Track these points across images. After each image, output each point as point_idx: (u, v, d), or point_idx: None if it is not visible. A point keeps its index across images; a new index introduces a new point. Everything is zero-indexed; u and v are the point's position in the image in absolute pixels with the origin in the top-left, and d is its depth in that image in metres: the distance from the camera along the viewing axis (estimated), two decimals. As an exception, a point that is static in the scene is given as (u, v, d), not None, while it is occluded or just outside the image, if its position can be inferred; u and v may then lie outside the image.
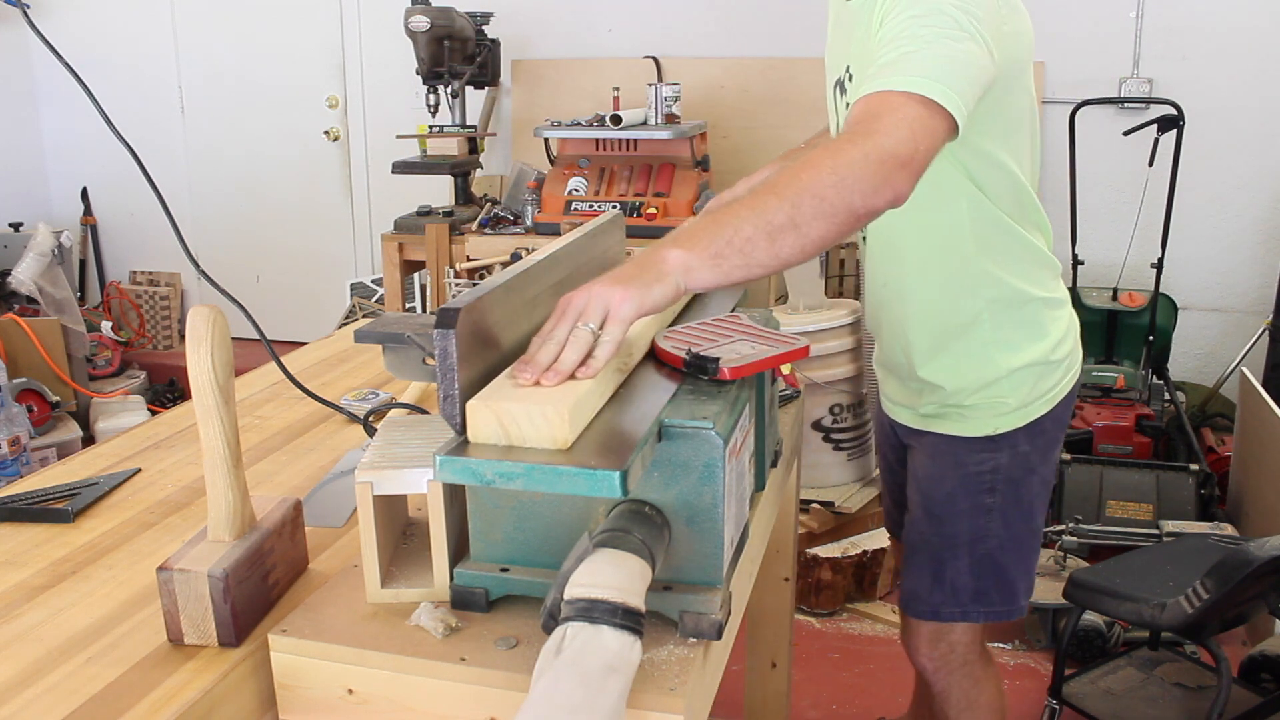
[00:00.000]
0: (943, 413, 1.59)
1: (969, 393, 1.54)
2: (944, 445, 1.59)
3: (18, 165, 5.13)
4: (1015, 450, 1.56)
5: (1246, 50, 3.66)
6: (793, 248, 1.07)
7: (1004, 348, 1.52)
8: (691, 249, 1.05)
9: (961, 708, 1.73)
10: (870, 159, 1.09)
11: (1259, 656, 2.36)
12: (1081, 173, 3.49)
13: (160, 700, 0.92)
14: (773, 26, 4.09)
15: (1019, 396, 1.53)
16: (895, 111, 1.14)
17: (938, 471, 1.61)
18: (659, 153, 3.55)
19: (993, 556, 1.60)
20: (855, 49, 1.44)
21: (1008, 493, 1.57)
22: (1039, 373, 1.53)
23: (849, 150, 1.10)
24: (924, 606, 1.66)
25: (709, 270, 1.05)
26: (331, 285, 4.85)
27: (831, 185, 1.08)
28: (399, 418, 1.26)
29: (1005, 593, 1.63)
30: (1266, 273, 3.75)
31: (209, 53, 4.93)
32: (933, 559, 1.64)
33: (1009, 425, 1.54)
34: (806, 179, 1.08)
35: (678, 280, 1.04)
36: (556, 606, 0.90)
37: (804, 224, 1.07)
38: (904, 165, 1.11)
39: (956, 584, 1.62)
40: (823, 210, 1.07)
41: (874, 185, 1.09)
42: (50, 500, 1.34)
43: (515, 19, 4.34)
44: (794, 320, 3.13)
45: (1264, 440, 2.86)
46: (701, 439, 0.97)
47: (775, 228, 1.05)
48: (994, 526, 1.59)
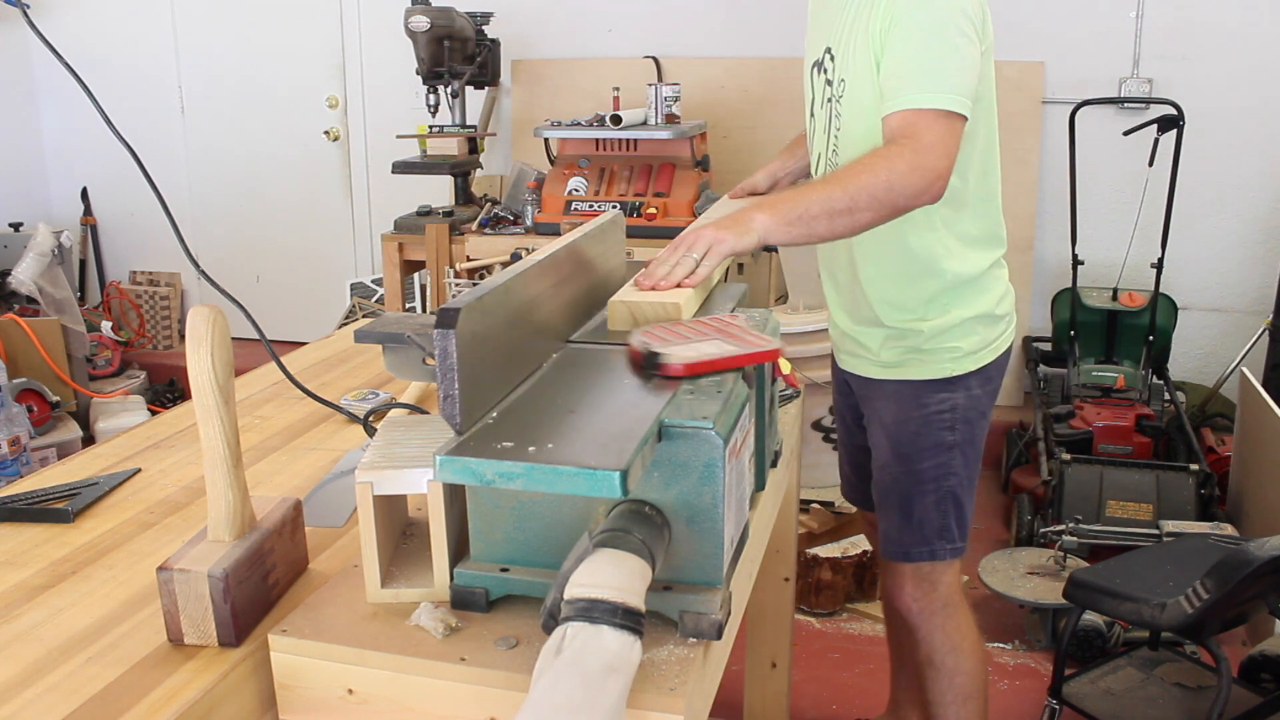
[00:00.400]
0: (903, 360, 1.76)
1: (927, 339, 1.72)
2: (906, 389, 1.76)
3: (18, 165, 5.13)
4: (969, 392, 1.75)
5: (1246, 50, 3.67)
6: (845, 227, 1.47)
7: (958, 301, 1.72)
8: (773, 214, 1.43)
9: (946, 650, 1.85)
10: (916, 171, 1.45)
11: (1259, 656, 2.36)
12: (1081, 173, 3.49)
13: (160, 700, 0.92)
14: (773, 26, 4.09)
15: (970, 343, 1.73)
16: (932, 129, 1.47)
17: (902, 413, 1.77)
18: (659, 153, 3.55)
19: (954, 493, 1.78)
20: (839, 30, 1.65)
21: (964, 431, 1.76)
22: (987, 323, 1.74)
23: (899, 163, 1.45)
24: (895, 547, 1.82)
25: (782, 232, 1.43)
26: (331, 285, 4.85)
27: (884, 188, 1.44)
28: (399, 418, 1.26)
29: (962, 528, 1.81)
30: (1266, 273, 3.75)
31: (209, 53, 4.93)
32: (902, 499, 1.79)
33: (963, 369, 1.74)
34: (865, 180, 1.44)
35: (760, 234, 1.41)
36: (556, 606, 0.90)
37: (858, 212, 1.44)
38: (943, 175, 1.47)
39: (924, 521, 1.78)
40: (874, 205, 1.45)
41: (917, 190, 1.46)
42: (50, 500, 1.34)
43: (515, 19, 4.34)
44: (794, 320, 3.13)
45: (1264, 440, 2.86)
46: (701, 439, 0.97)
47: (836, 212, 1.44)
48: (955, 463, 1.76)
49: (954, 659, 1.85)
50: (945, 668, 1.85)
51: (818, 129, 1.77)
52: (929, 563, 1.81)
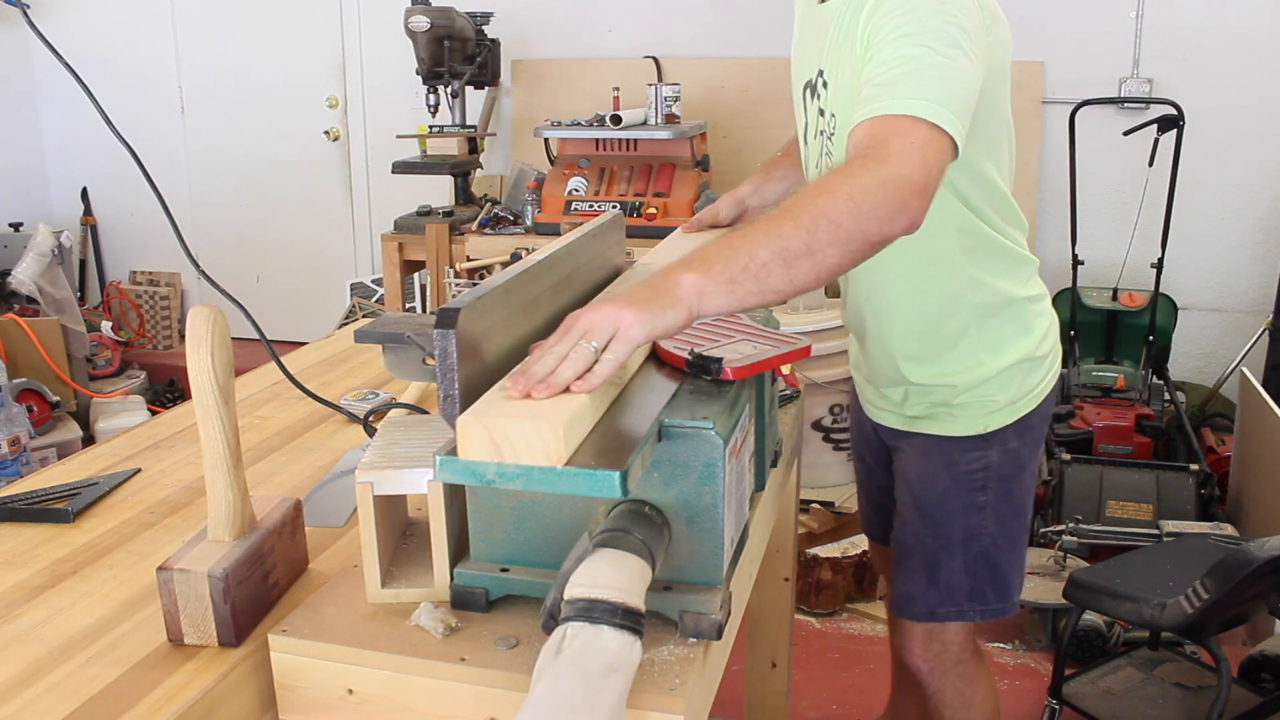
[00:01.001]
0: (931, 413, 1.59)
1: (958, 393, 1.55)
2: (934, 445, 1.59)
3: (18, 165, 5.13)
4: (1005, 447, 1.57)
5: (1246, 50, 3.66)
6: (808, 274, 1.06)
7: (992, 349, 1.54)
8: (706, 273, 1.02)
9: (956, 707, 1.72)
10: (886, 185, 1.10)
11: (1259, 656, 2.36)
12: (1081, 173, 3.49)
13: (160, 700, 0.92)
14: (773, 26, 4.09)
15: (1008, 394, 1.55)
16: (904, 136, 1.15)
17: (929, 471, 1.60)
18: (659, 153, 3.55)
19: (987, 554, 1.61)
20: (830, 52, 1.44)
21: (1000, 490, 1.58)
22: (1026, 369, 1.55)
23: (863, 176, 1.10)
24: (919, 608, 1.66)
25: (723, 296, 1.03)
26: (331, 285, 4.85)
27: (848, 212, 1.07)
28: (399, 418, 1.26)
29: (1000, 590, 1.64)
30: (1266, 273, 3.75)
31: (209, 53, 4.93)
32: (927, 560, 1.63)
33: (999, 423, 1.55)
34: (823, 204, 1.07)
35: (690, 306, 1.01)
36: (556, 606, 0.90)
37: (819, 250, 1.06)
38: (918, 192, 1.12)
39: (951, 584, 1.62)
40: (838, 238, 1.07)
41: (889, 212, 1.09)
42: (50, 500, 1.34)
43: (515, 19, 4.34)
44: (794, 320, 3.13)
45: (1264, 440, 2.86)
46: (701, 439, 0.97)
47: (791, 254, 1.05)
48: (988, 524, 1.59)
49: (964, 714, 1.73)
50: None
51: (810, 161, 1.59)
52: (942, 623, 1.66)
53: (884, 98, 1.19)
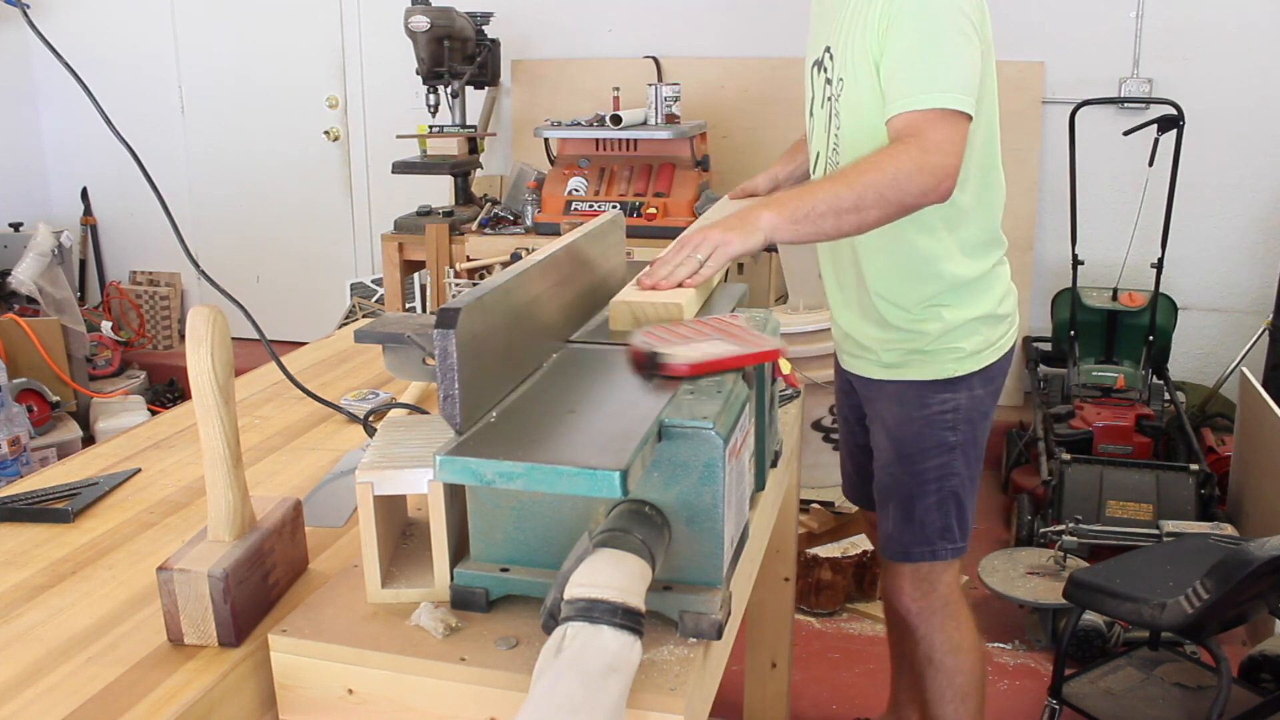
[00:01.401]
0: (905, 361, 1.75)
1: (930, 340, 1.72)
2: (909, 389, 1.76)
3: (18, 165, 5.13)
4: (972, 392, 1.75)
5: (1246, 50, 3.67)
6: (852, 225, 1.45)
7: (959, 305, 1.71)
8: (780, 213, 1.42)
9: (946, 650, 1.84)
10: (923, 170, 1.44)
11: (1259, 656, 2.36)
12: (1081, 173, 3.49)
13: (160, 700, 0.92)
14: (773, 26, 4.09)
15: (973, 343, 1.73)
16: (937, 127, 1.47)
17: (904, 413, 1.77)
18: (659, 153, 3.55)
19: (956, 494, 1.78)
20: (837, 31, 1.65)
21: (967, 432, 1.76)
22: (989, 323, 1.74)
23: (906, 162, 1.44)
24: (896, 547, 1.82)
25: (789, 230, 1.42)
26: (331, 285, 4.85)
27: (890, 186, 1.43)
28: (399, 418, 1.26)
29: (963, 527, 1.81)
30: (1266, 273, 3.75)
31: (209, 53, 4.93)
32: (903, 499, 1.79)
33: (966, 369, 1.73)
34: (872, 178, 1.43)
35: (767, 234, 1.41)
36: (556, 606, 0.90)
37: (864, 210, 1.43)
38: (951, 174, 1.46)
39: (925, 521, 1.78)
40: (880, 203, 1.44)
41: (924, 189, 1.45)
42: (50, 500, 1.34)
43: (515, 19, 4.34)
44: (794, 320, 3.13)
45: (1264, 440, 2.86)
46: (701, 439, 0.97)
47: (843, 209, 1.43)
48: (957, 464, 1.76)
49: (954, 658, 1.85)
50: (945, 667, 1.85)
51: (817, 127, 1.77)
52: (929, 563, 1.81)
53: (912, 92, 1.48)
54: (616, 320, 1.29)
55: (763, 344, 1.16)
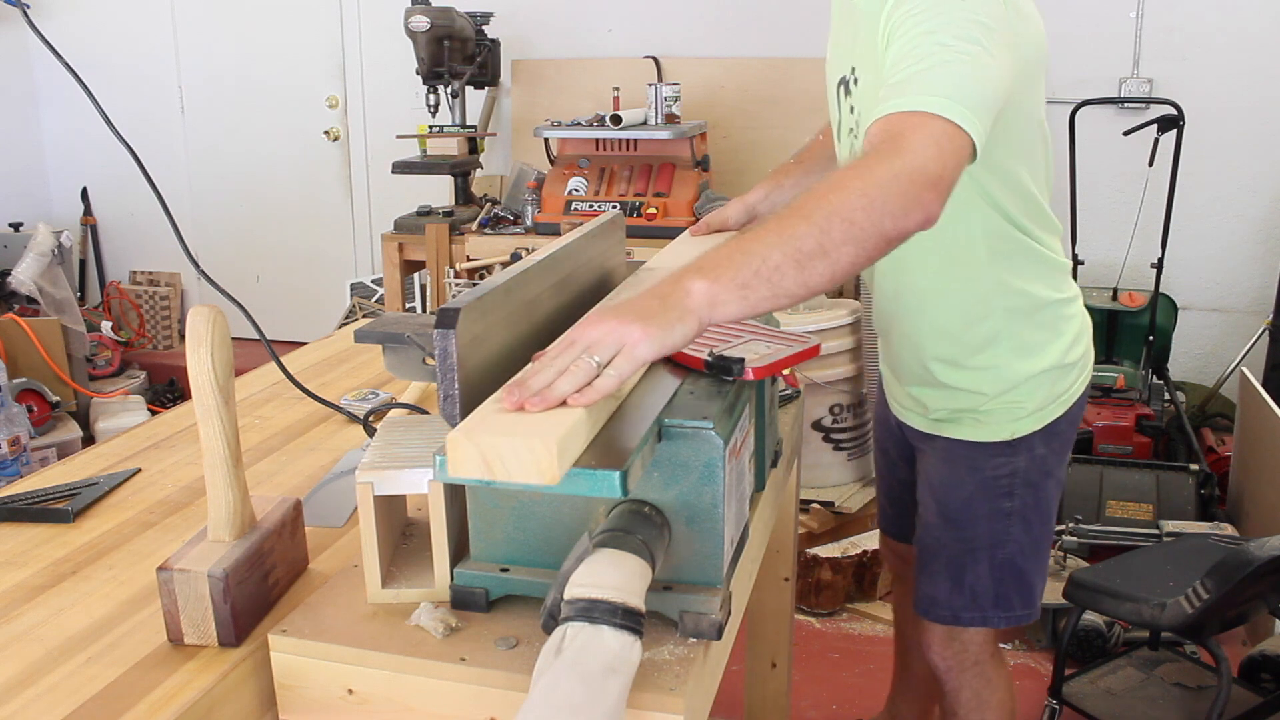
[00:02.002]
0: (956, 417, 1.57)
1: (986, 400, 1.53)
2: (959, 450, 1.57)
3: (18, 165, 5.13)
4: (1033, 454, 1.54)
5: (1246, 50, 3.66)
6: (822, 275, 1.02)
7: (1022, 355, 1.51)
8: (717, 280, 0.99)
9: (972, 707, 1.72)
10: (900, 179, 1.06)
11: (1259, 656, 2.36)
12: (1081, 173, 3.49)
13: (160, 700, 0.92)
14: (773, 26, 4.09)
15: (1036, 400, 1.52)
16: (919, 130, 1.11)
17: (953, 476, 1.58)
18: (659, 153, 3.55)
19: (1013, 561, 1.59)
20: (861, 49, 1.43)
21: (1026, 496, 1.56)
22: (1055, 376, 1.52)
23: (877, 170, 1.06)
24: (944, 611, 1.64)
25: (736, 304, 0.99)
26: (331, 285, 4.85)
27: (861, 208, 1.03)
28: (399, 418, 1.26)
29: (1024, 596, 1.62)
30: (1266, 273, 3.75)
31: (209, 53, 4.93)
32: (951, 564, 1.61)
33: (1026, 429, 1.53)
34: (835, 201, 1.03)
35: (701, 316, 0.98)
36: (556, 606, 0.90)
37: (833, 250, 1.02)
38: (933, 185, 1.07)
39: (977, 589, 1.60)
40: (853, 235, 1.02)
41: (904, 207, 1.05)
42: (50, 500, 1.34)
43: (515, 19, 4.34)
44: (794, 320, 3.13)
45: (1264, 440, 2.86)
46: (701, 439, 0.97)
47: (804, 255, 1.01)
48: (1014, 531, 1.57)
49: (978, 714, 1.72)
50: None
51: (842, 153, 1.59)
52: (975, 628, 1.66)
53: (898, 95, 1.15)
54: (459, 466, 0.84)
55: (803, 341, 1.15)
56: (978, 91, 1.16)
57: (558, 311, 1.25)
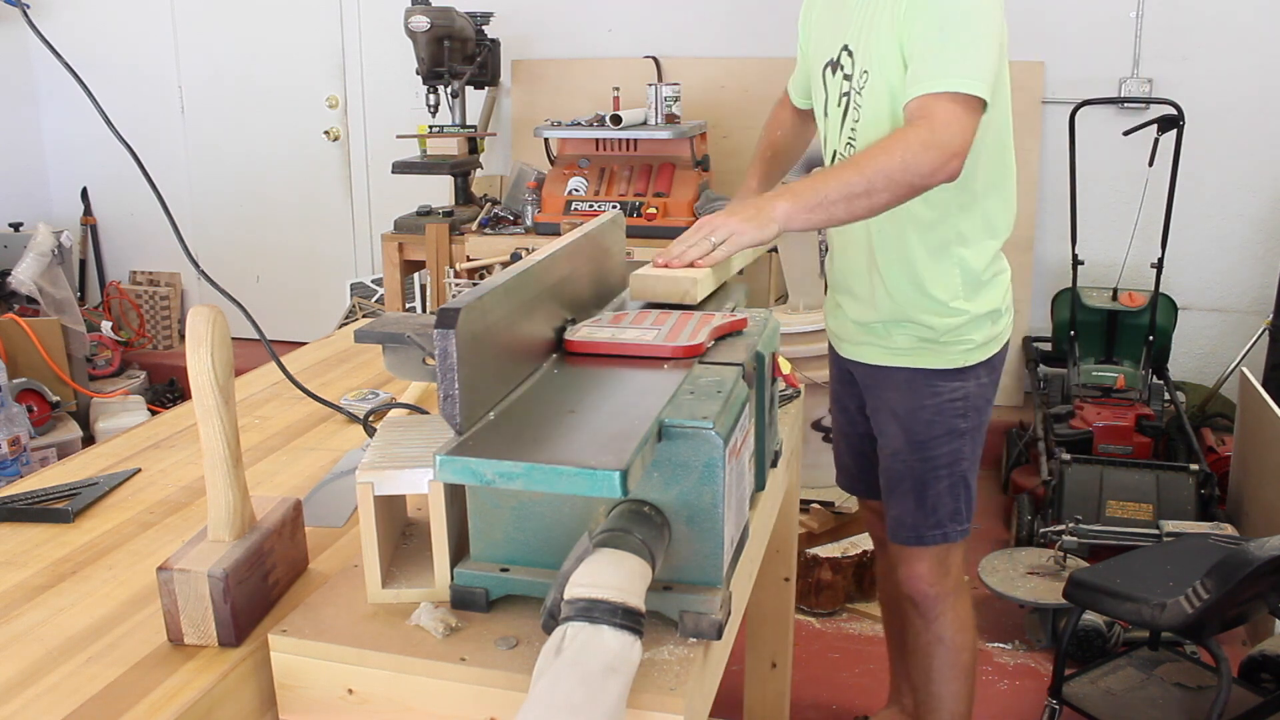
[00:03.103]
0: (916, 348, 1.79)
1: (939, 332, 1.76)
2: (920, 378, 1.80)
3: (18, 165, 5.13)
4: (979, 381, 1.81)
5: (1247, 50, 3.67)
6: (864, 209, 1.50)
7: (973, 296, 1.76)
8: (794, 202, 1.48)
9: (957, 628, 1.90)
10: (930, 149, 1.48)
11: (1259, 656, 2.36)
12: (1081, 173, 3.49)
13: (160, 700, 0.92)
14: (773, 26, 4.09)
15: (981, 335, 1.78)
16: (947, 108, 1.50)
17: (916, 402, 1.80)
18: (659, 153, 3.55)
19: (965, 477, 1.83)
20: (855, 29, 1.69)
21: (974, 418, 1.82)
22: (994, 317, 1.79)
23: (913, 142, 1.49)
24: (909, 532, 1.85)
25: (803, 219, 1.49)
26: (331, 285, 4.85)
27: (899, 168, 1.48)
28: (399, 418, 1.26)
29: (969, 510, 1.86)
30: (1266, 273, 3.75)
31: (209, 53, 4.93)
32: (916, 484, 1.83)
33: (974, 359, 1.79)
34: (881, 162, 1.48)
35: (780, 224, 1.47)
36: (556, 606, 0.90)
37: (875, 194, 1.48)
38: (958, 153, 1.50)
39: (938, 505, 1.83)
40: (890, 185, 1.48)
41: (933, 169, 1.48)
42: (50, 500, 1.34)
43: (515, 19, 4.34)
44: (794, 320, 3.13)
45: (1264, 440, 2.86)
46: (701, 439, 0.97)
47: (854, 194, 1.48)
48: (966, 449, 1.82)
49: (962, 636, 1.91)
50: (954, 645, 1.91)
51: (831, 127, 1.80)
52: (943, 545, 1.86)
53: (931, 77, 1.52)
54: (634, 294, 1.38)
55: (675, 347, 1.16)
56: (987, 65, 1.53)
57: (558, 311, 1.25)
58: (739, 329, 1.28)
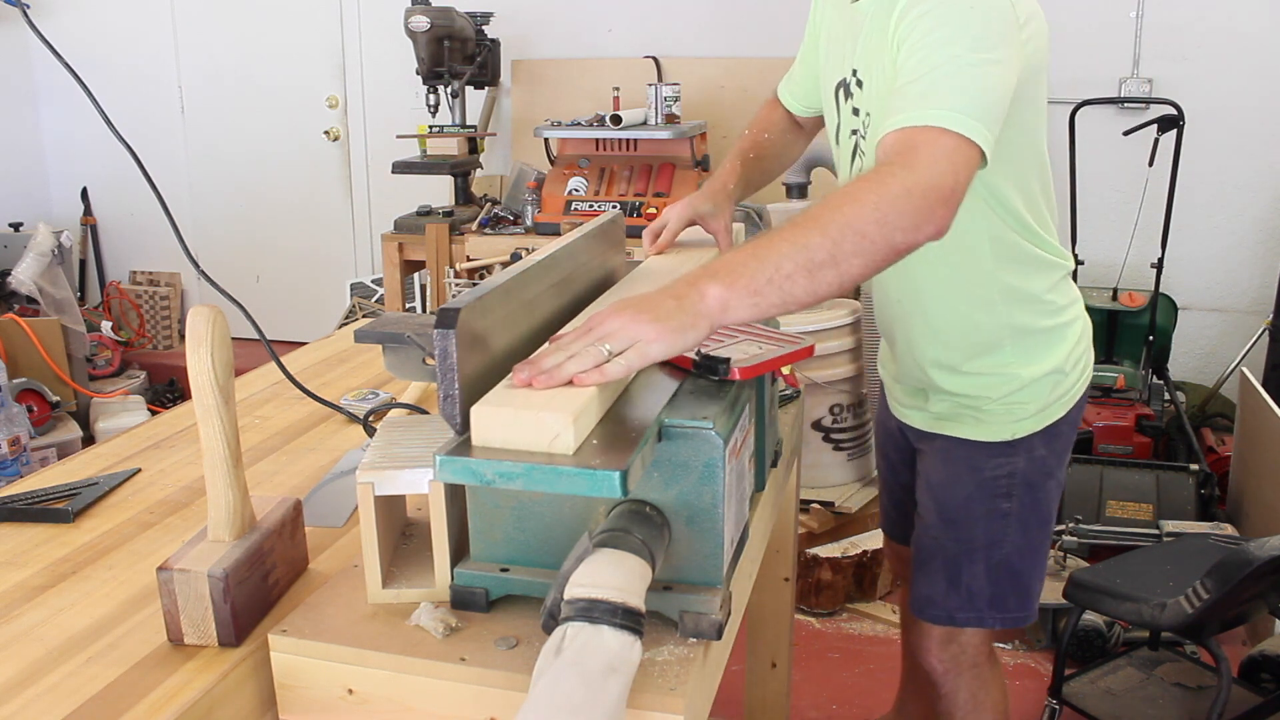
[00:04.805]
0: (957, 415, 1.57)
1: (988, 400, 1.54)
2: (958, 449, 1.57)
3: (18, 165, 5.13)
4: (1032, 455, 1.55)
5: (1246, 50, 3.66)
6: (831, 284, 1.07)
7: (1025, 359, 1.52)
8: (731, 286, 1.03)
9: (968, 710, 1.72)
10: (913, 194, 1.09)
11: (1259, 656, 2.36)
12: (1081, 173, 3.49)
13: (160, 700, 0.92)
14: (773, 26, 4.09)
15: (1038, 402, 1.53)
16: (931, 145, 1.15)
17: (952, 476, 1.59)
18: (659, 153, 3.55)
19: (1010, 562, 1.59)
20: (864, 51, 1.44)
21: (1025, 498, 1.56)
22: (1056, 379, 1.53)
23: (890, 185, 1.10)
24: (939, 612, 1.64)
25: (747, 308, 1.03)
26: (331, 285, 4.85)
27: (874, 221, 1.07)
28: (399, 418, 1.26)
29: (1021, 598, 1.62)
30: (1266, 273, 3.75)
31: (209, 53, 4.93)
32: (948, 564, 1.62)
33: (1027, 430, 1.53)
34: (849, 214, 1.07)
35: (714, 319, 1.02)
36: (556, 606, 0.90)
37: (844, 260, 1.06)
38: (945, 200, 1.12)
39: (973, 589, 1.60)
40: (863, 247, 1.07)
41: (916, 221, 1.09)
42: (50, 500, 1.34)
43: (515, 19, 4.34)
44: (794, 320, 3.13)
45: (1264, 440, 2.86)
46: (701, 439, 0.97)
47: (816, 264, 1.05)
48: (1011, 533, 1.57)
49: (975, 716, 1.73)
50: None
51: (842, 159, 1.58)
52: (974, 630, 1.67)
53: (912, 108, 1.18)
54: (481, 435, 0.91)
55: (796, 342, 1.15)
56: (986, 100, 1.19)
57: (558, 311, 1.25)
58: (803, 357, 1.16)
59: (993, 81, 1.21)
